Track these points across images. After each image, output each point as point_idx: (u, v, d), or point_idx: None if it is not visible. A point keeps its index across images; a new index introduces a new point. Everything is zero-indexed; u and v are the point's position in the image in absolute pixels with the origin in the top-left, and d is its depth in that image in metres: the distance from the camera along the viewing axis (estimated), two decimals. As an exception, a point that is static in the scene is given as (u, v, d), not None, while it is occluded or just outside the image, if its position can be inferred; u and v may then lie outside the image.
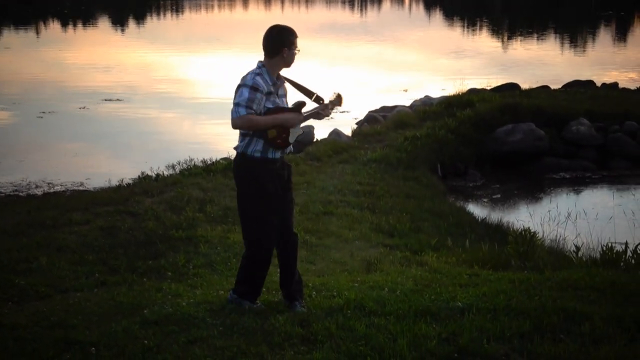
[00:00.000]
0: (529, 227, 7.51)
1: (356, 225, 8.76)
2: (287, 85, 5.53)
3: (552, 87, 19.11)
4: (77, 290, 6.20)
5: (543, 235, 7.94)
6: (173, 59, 28.52)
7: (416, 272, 6.79)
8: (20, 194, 11.74)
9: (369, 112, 16.93)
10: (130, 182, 10.87)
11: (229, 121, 5.14)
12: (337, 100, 5.65)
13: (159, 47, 32.02)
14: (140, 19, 47.69)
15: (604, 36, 38.12)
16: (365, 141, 13.19)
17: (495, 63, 26.99)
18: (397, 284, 6.30)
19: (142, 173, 11.02)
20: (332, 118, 18.09)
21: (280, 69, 5.40)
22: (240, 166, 5.35)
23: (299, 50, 5.39)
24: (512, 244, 7.35)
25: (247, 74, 5.24)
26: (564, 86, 19.69)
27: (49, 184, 12.33)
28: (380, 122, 15.11)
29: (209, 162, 11.37)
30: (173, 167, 11.53)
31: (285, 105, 5.44)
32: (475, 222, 9.68)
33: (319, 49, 30.00)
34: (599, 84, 19.80)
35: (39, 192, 11.87)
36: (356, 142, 13.15)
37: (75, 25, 43.03)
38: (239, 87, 5.20)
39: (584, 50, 31.95)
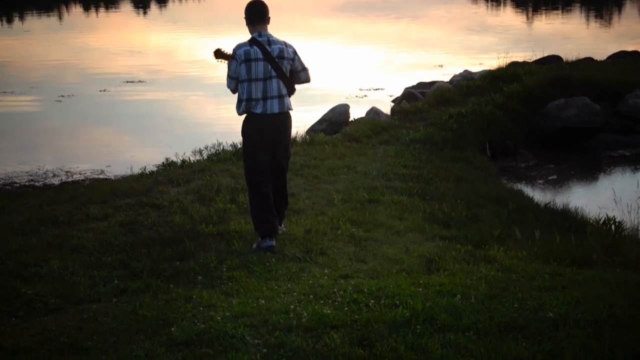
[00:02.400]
0: (613, 216, 6.48)
1: (407, 214, 7.77)
2: None
3: (596, 59, 17.92)
4: (92, 300, 5.29)
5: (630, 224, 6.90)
6: (196, 41, 27.61)
7: (486, 272, 5.81)
8: (36, 184, 10.90)
9: (406, 88, 15.89)
10: (154, 169, 9.96)
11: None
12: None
13: (181, 29, 31.13)
14: (162, 1, 46.76)
15: (631, 9, 36.59)
16: (406, 119, 12.18)
17: (527, 38, 25.73)
18: (468, 287, 5.34)
19: (167, 159, 10.08)
20: (365, 96, 17.22)
21: None
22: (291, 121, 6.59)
23: None
24: (593, 235, 6.35)
25: (287, 42, 6.45)
26: (609, 57, 18.49)
27: (67, 172, 11.48)
28: (419, 99, 14.07)
29: (239, 146, 10.38)
30: (200, 152, 10.59)
31: None
32: (537, 208, 8.65)
33: (344, 28, 28.94)
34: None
35: (56, 181, 11.02)
36: (396, 120, 12.13)
37: (97, 9, 42.22)
38: (296, 51, 6.49)
39: (610, 24, 30.51)
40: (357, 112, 13.91)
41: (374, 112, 12.71)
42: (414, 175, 9.30)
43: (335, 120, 12.88)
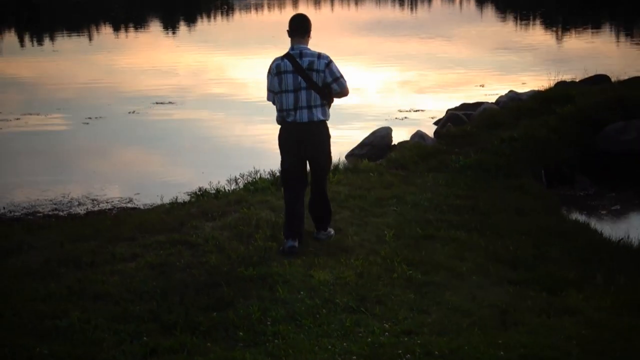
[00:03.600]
0: None
1: (467, 253, 6.96)
2: None
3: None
4: (117, 363, 4.55)
5: None
6: (226, 61, 27.04)
7: (572, 328, 5.00)
8: (61, 213, 10.22)
9: (449, 110, 15.08)
10: (186, 198, 9.25)
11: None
12: None
13: (210, 49, 30.60)
14: (191, 21, 46.49)
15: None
16: (454, 144, 11.35)
17: (562, 56, 24.70)
18: (558, 350, 4.53)
19: (200, 189, 9.34)
20: (405, 118, 16.42)
21: None
22: (327, 131, 6.88)
23: None
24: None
25: (323, 54, 6.70)
26: (660, 77, 17.54)
27: (93, 200, 10.79)
28: (465, 121, 13.26)
29: (277, 174, 9.64)
30: (236, 180, 9.84)
31: None
32: (609, 245, 7.78)
33: (374, 47, 28.19)
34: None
35: (81, 210, 10.34)
36: (444, 145, 11.31)
37: (127, 29, 41.99)
38: (330, 62, 6.68)
39: None
40: (399, 135, 13.15)
41: (419, 136, 11.93)
42: (469, 206, 8.49)
43: (377, 145, 12.12)
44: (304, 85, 6.58)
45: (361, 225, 7.62)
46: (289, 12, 47.93)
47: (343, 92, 6.78)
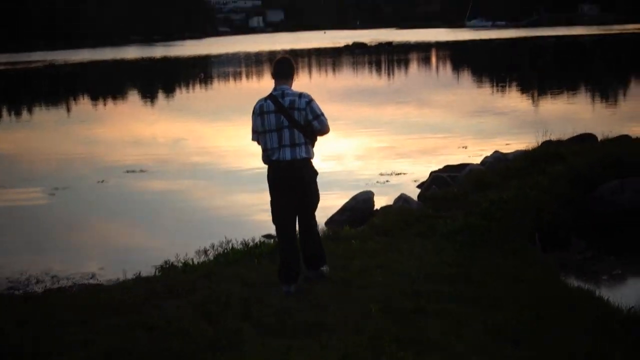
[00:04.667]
0: None
1: (463, 329, 6.20)
2: None
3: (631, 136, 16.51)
4: None
5: None
6: (201, 130, 26.40)
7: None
8: (16, 292, 9.34)
9: (432, 172, 14.45)
10: (152, 272, 8.47)
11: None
12: None
13: (187, 118, 29.99)
14: (169, 91, 46.06)
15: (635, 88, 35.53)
16: (441, 207, 10.67)
17: (543, 118, 24.25)
18: None
19: (166, 262, 8.56)
20: (387, 182, 15.77)
21: None
22: (312, 169, 7.02)
23: None
24: None
25: (304, 93, 6.99)
26: (645, 135, 17.08)
27: (52, 277, 9.93)
28: (450, 183, 12.61)
29: (251, 244, 8.90)
30: (205, 252, 9.09)
31: None
32: (619, 314, 7.04)
33: (351, 113, 27.74)
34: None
35: (39, 288, 9.46)
36: (430, 209, 10.63)
37: (105, 99, 41.47)
38: (310, 101, 6.93)
39: (622, 102, 29.24)
40: (381, 200, 12.47)
41: (403, 200, 11.24)
42: (462, 275, 7.76)
43: (359, 210, 11.43)
44: (286, 124, 6.79)
45: (344, 299, 6.85)
46: (267, 81, 47.68)
47: (323, 129, 6.97)
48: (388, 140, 21.48)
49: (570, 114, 25.12)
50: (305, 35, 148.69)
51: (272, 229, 11.14)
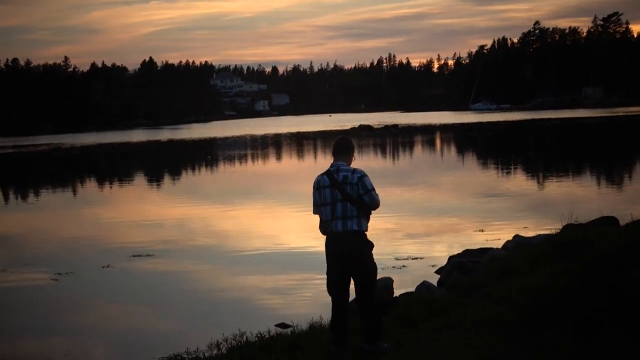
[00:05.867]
0: None
1: None
2: None
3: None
4: None
5: None
6: (209, 212, 25.96)
7: None
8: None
9: (451, 257, 13.88)
10: (159, 368, 7.82)
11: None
12: None
13: (194, 201, 29.60)
14: (175, 174, 45.90)
15: None
16: (466, 295, 10.08)
17: (557, 200, 23.83)
18: None
19: (175, 355, 7.94)
20: (404, 267, 15.15)
21: None
22: (366, 241, 7.46)
23: None
24: None
25: (358, 169, 7.47)
26: (669, 217, 16.53)
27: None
28: (471, 269, 12.03)
29: (266, 336, 8.28)
30: (218, 345, 8.44)
31: None
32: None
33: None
34: None
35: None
36: (454, 297, 10.03)
37: (111, 182, 41.24)
38: (363, 176, 7.40)
39: (632, 183, 28.88)
40: (400, 286, 11.87)
41: (426, 287, 10.65)
42: (498, 372, 7.12)
43: (378, 298, 10.76)
44: (340, 197, 7.23)
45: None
46: (272, 163, 47.58)
47: (373, 203, 7.33)
48: (400, 222, 20.94)
49: (581, 196, 24.68)
50: (311, 118, 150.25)
51: (285, 318, 10.60)
